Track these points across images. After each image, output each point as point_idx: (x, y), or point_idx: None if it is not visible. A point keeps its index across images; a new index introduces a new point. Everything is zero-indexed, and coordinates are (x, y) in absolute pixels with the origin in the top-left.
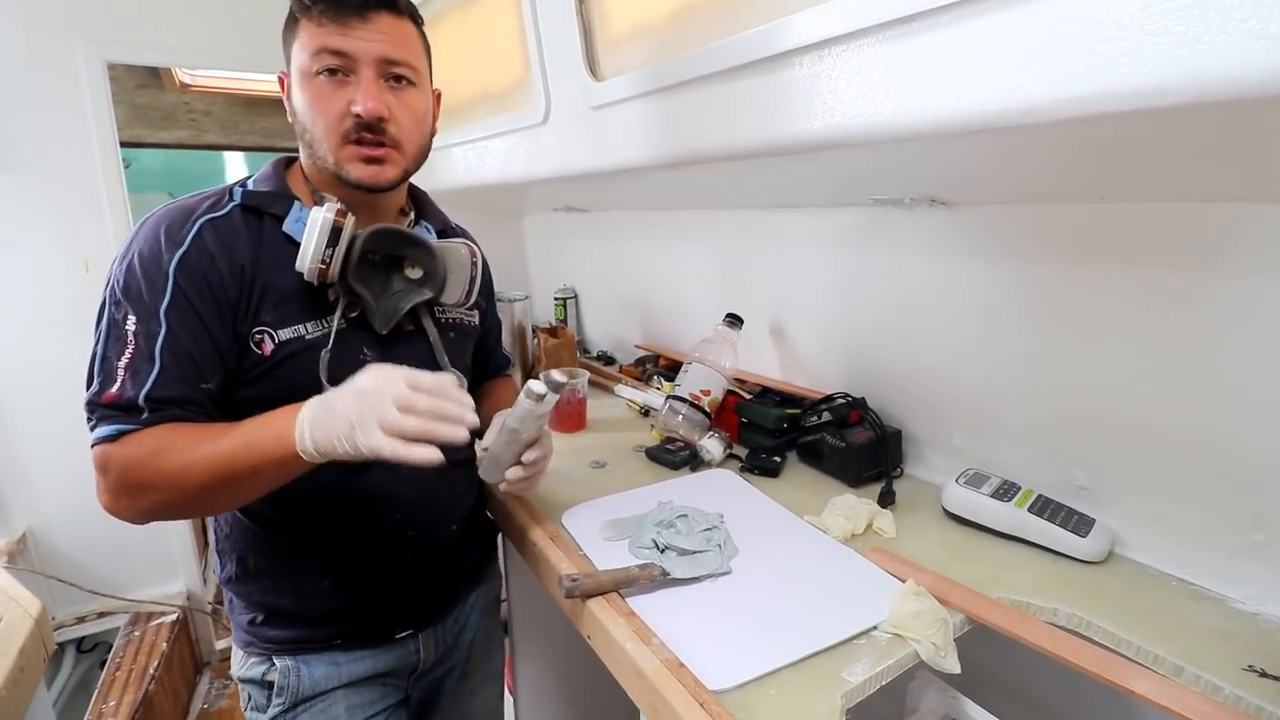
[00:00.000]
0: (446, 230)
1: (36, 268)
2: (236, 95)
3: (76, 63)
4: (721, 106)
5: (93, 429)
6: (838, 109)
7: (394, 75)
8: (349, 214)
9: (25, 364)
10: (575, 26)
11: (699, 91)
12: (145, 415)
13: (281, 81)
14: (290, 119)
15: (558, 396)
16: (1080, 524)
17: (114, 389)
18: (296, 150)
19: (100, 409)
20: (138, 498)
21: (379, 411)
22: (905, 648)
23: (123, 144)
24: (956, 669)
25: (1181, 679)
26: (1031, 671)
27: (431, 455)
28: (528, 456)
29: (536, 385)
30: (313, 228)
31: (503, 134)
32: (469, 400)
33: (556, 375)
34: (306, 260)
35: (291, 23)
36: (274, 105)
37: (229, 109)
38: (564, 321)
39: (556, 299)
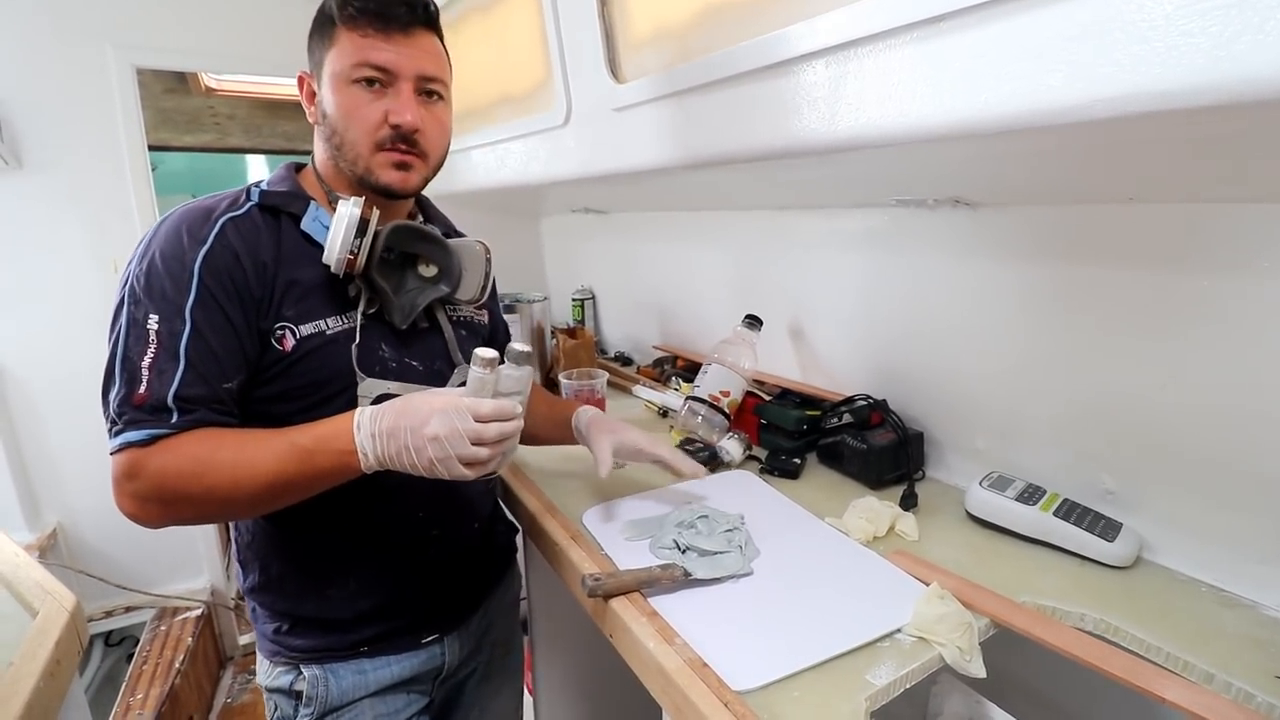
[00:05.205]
0: (450, 233)
1: (67, 268)
2: (259, 99)
3: (106, 67)
4: (744, 108)
5: (117, 433)
6: (863, 110)
7: (427, 90)
8: (374, 209)
9: (55, 363)
10: (597, 29)
11: (722, 93)
12: (175, 417)
13: (302, 81)
14: (312, 119)
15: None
16: (1107, 528)
17: (142, 389)
18: None
19: (130, 411)
20: (173, 508)
21: (461, 452)
22: (929, 651)
23: (149, 147)
24: (981, 673)
25: (1212, 686)
26: (1056, 677)
27: (503, 466)
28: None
29: (484, 352)
30: (340, 221)
31: (523, 136)
32: (519, 409)
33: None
34: (335, 251)
35: (327, 26)
36: (296, 109)
37: (252, 113)
38: (582, 322)
39: (574, 300)
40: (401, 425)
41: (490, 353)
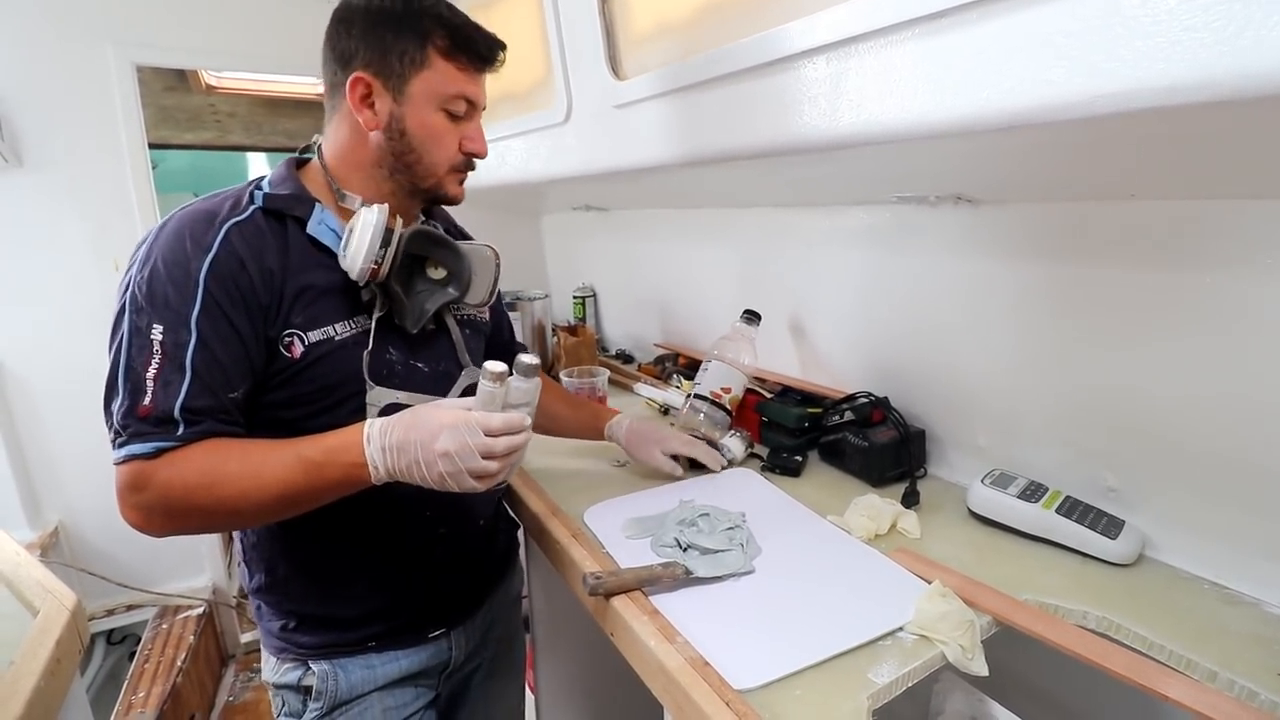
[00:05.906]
0: (451, 229)
1: (68, 266)
2: (260, 97)
3: (106, 65)
4: (745, 105)
5: (121, 445)
6: (864, 107)
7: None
8: (398, 216)
9: (56, 361)
10: (597, 26)
11: (723, 90)
12: (181, 429)
13: (358, 82)
14: (369, 125)
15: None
16: (1110, 526)
17: (147, 401)
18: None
19: (135, 423)
20: (179, 519)
21: (471, 466)
22: (931, 649)
23: (150, 145)
24: (984, 671)
25: (1215, 684)
26: (1059, 675)
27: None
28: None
29: (493, 365)
30: (365, 230)
31: (524, 133)
32: (527, 421)
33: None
34: (359, 261)
35: (413, 43)
36: (296, 106)
37: (253, 110)
38: (583, 320)
39: (575, 298)
40: (411, 439)
41: (499, 366)
